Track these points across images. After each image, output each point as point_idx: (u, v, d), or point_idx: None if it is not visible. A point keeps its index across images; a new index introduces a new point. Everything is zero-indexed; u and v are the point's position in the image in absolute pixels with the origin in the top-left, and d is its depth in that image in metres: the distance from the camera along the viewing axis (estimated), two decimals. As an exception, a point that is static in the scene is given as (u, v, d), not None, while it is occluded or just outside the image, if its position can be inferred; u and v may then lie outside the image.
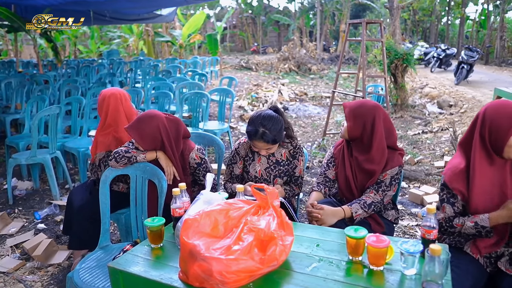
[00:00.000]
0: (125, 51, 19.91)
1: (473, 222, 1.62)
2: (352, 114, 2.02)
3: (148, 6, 7.50)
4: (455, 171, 1.69)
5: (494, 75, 12.98)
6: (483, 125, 1.63)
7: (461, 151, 1.74)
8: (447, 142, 5.62)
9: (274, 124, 2.09)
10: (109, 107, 2.57)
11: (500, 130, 1.58)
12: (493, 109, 1.63)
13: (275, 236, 1.31)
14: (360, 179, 2.06)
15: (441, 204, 1.74)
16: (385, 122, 2.03)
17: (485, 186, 1.64)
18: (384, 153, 2.00)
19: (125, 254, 1.57)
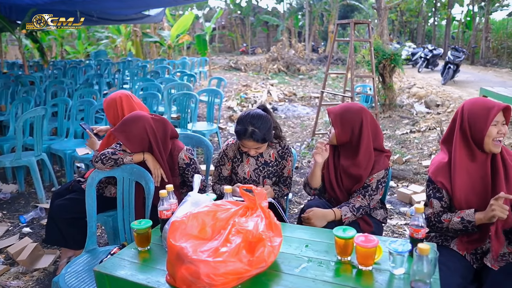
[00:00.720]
0: (113, 52, 19.73)
1: (459, 217, 1.65)
2: (339, 120, 2.01)
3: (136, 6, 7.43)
4: (438, 166, 1.76)
5: (480, 75, 13.17)
6: (463, 119, 1.70)
7: (444, 147, 1.81)
8: (434, 141, 5.68)
9: (264, 123, 2.09)
10: (123, 106, 2.56)
11: (478, 121, 1.66)
12: (470, 103, 1.72)
13: (264, 237, 1.30)
14: (346, 183, 2.06)
15: (429, 200, 1.79)
16: (372, 124, 2.03)
17: (467, 179, 1.69)
18: (371, 157, 2.00)
19: (112, 257, 1.54)
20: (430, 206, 1.78)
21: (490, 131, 1.63)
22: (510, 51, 18.45)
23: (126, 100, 2.57)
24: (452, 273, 1.59)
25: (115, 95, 2.60)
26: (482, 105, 1.67)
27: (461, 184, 1.69)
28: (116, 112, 2.56)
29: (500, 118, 1.65)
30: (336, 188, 2.08)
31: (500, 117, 1.65)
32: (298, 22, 28.25)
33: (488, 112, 1.64)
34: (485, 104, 1.67)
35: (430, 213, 1.78)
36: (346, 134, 2.00)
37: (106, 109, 2.61)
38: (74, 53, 18.91)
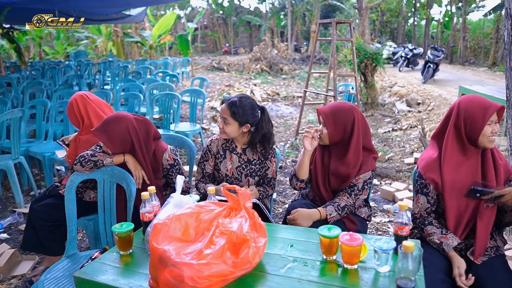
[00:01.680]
0: (94, 53, 19.38)
1: (440, 240, 1.68)
2: (332, 120, 1.98)
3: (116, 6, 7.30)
4: (428, 161, 1.77)
5: (459, 74, 13.44)
6: (458, 116, 1.72)
7: (434, 143, 1.82)
8: (416, 139, 5.76)
9: (247, 104, 2.13)
10: (79, 108, 2.54)
11: (474, 120, 1.67)
12: (467, 101, 1.73)
13: (248, 238, 1.28)
14: (333, 183, 2.05)
15: (416, 195, 1.80)
16: (362, 123, 2.03)
17: (457, 174, 1.71)
18: (359, 155, 1.99)
19: (92, 262, 1.50)
20: (416, 202, 1.80)
21: (485, 130, 1.66)
22: (487, 50, 18.87)
23: (80, 100, 2.55)
24: (435, 268, 1.60)
25: (70, 99, 2.58)
26: (479, 104, 1.69)
27: (451, 179, 1.71)
28: (75, 115, 2.55)
29: (494, 118, 1.68)
30: (322, 187, 2.08)
31: (494, 116, 1.67)
32: (280, 22, 28.32)
33: (485, 112, 1.66)
34: (482, 104, 1.68)
35: (416, 213, 1.80)
36: (338, 133, 1.99)
37: (68, 115, 2.61)
38: (53, 54, 18.49)
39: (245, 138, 2.24)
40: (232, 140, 2.28)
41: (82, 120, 2.53)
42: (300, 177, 2.10)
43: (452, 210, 1.71)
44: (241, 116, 2.10)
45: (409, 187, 3.95)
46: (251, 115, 2.13)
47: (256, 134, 2.18)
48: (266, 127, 2.18)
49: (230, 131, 2.15)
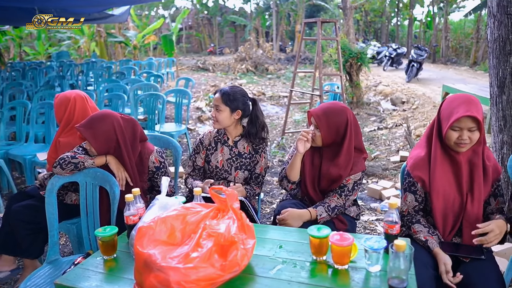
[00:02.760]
0: (76, 53, 19.04)
1: (425, 238, 1.67)
2: (325, 122, 1.94)
3: (98, 5, 7.17)
4: (416, 159, 1.76)
5: (442, 73, 13.65)
6: (437, 115, 1.73)
7: (424, 141, 1.80)
8: (401, 137, 5.80)
9: (238, 93, 2.21)
10: (75, 107, 2.45)
11: (442, 120, 1.68)
12: (447, 100, 1.70)
13: (236, 240, 1.25)
14: (323, 184, 2.03)
15: (404, 193, 1.79)
16: (354, 123, 2.00)
17: (444, 174, 1.70)
18: (351, 157, 1.98)
19: (75, 268, 1.45)
20: (404, 199, 1.79)
21: (450, 134, 1.62)
22: (468, 50, 19.23)
23: (80, 101, 2.46)
24: (424, 265, 1.59)
25: (69, 94, 2.48)
26: (451, 106, 1.64)
27: (438, 178, 1.70)
28: (66, 111, 2.45)
29: (465, 125, 1.59)
30: (310, 188, 2.05)
31: (467, 123, 1.58)
32: (265, 22, 28.35)
33: (449, 115, 1.61)
34: (452, 107, 1.63)
35: (404, 210, 1.79)
36: (331, 135, 1.96)
37: (56, 106, 2.47)
38: (34, 54, 18.08)
39: (237, 129, 2.29)
40: (224, 133, 2.30)
41: (71, 119, 2.43)
42: (292, 179, 2.09)
43: (438, 209, 1.71)
44: (232, 101, 2.17)
45: (396, 185, 3.97)
46: (242, 101, 2.20)
47: (251, 125, 2.25)
48: (260, 117, 2.27)
49: (223, 118, 2.20)
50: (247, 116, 2.27)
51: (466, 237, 1.68)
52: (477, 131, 1.60)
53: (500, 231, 1.55)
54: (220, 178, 2.29)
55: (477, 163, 1.68)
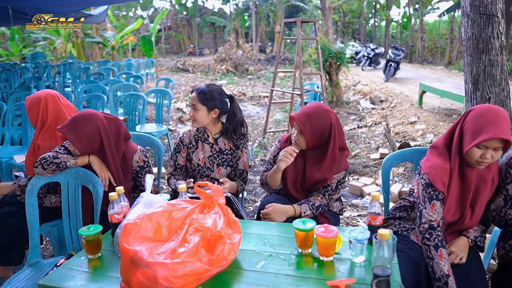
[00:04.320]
0: (52, 54, 18.59)
1: (449, 272, 1.49)
2: (309, 127, 1.91)
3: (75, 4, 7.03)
4: (439, 170, 1.61)
5: (418, 72, 13.96)
6: (460, 125, 1.60)
7: (445, 151, 1.66)
8: (380, 135, 5.91)
9: (215, 91, 2.20)
10: (47, 107, 2.35)
11: (467, 135, 1.54)
12: (477, 112, 1.55)
13: (223, 234, 1.26)
14: (307, 185, 2.04)
15: (430, 202, 1.59)
16: (338, 125, 1.98)
17: (454, 189, 1.63)
18: (335, 160, 1.97)
19: (58, 268, 1.43)
20: (432, 209, 1.59)
21: (473, 152, 1.51)
22: (443, 50, 19.73)
23: (51, 100, 2.37)
24: (409, 259, 1.62)
25: (40, 94, 2.38)
26: (478, 119, 1.52)
27: (452, 192, 1.62)
28: (38, 113, 2.35)
29: (493, 145, 1.48)
30: (292, 189, 2.07)
31: (495, 143, 1.48)
32: (245, 22, 28.38)
33: (477, 132, 1.49)
34: (481, 120, 1.50)
35: (434, 220, 1.58)
36: (316, 139, 1.94)
37: (28, 108, 2.37)
38: (8, 56, 17.55)
39: (216, 127, 2.29)
40: (204, 130, 2.31)
41: (45, 120, 2.36)
42: (272, 188, 2.11)
43: (445, 221, 1.66)
44: (209, 101, 2.17)
45: (376, 182, 4.04)
46: (219, 100, 2.20)
47: (229, 122, 2.25)
48: (238, 114, 2.27)
49: (200, 118, 2.19)
50: (225, 113, 2.27)
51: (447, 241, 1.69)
52: (500, 150, 1.50)
53: (461, 250, 1.62)
54: (203, 175, 2.29)
55: (487, 179, 1.62)
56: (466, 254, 1.63)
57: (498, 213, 1.66)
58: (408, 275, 1.52)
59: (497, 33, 2.63)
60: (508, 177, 1.64)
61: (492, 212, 1.69)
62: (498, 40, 2.64)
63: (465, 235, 1.69)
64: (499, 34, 2.63)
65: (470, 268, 1.59)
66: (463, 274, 1.56)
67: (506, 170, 1.65)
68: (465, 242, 1.67)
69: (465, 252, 1.64)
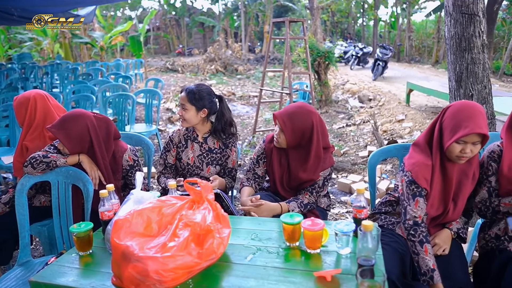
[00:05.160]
0: (39, 55, 18.37)
1: (434, 267, 1.51)
2: (289, 126, 1.94)
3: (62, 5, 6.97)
4: (421, 167, 1.65)
5: (406, 71, 14.12)
6: (440, 121, 1.65)
7: (426, 148, 1.70)
8: (369, 133, 5.99)
9: (204, 90, 2.23)
10: (36, 106, 2.35)
11: (447, 131, 1.59)
12: (454, 108, 1.60)
13: (212, 228, 1.29)
14: (294, 184, 2.07)
15: (413, 199, 1.64)
16: (321, 125, 2.01)
17: (437, 184, 1.67)
18: (320, 160, 2.00)
19: (50, 265, 1.44)
20: (415, 206, 1.63)
21: (452, 148, 1.56)
22: (430, 49, 19.97)
23: (40, 100, 2.37)
24: (394, 251, 1.67)
25: (28, 94, 2.37)
26: (456, 115, 1.56)
27: (434, 187, 1.66)
28: (27, 113, 2.34)
29: (472, 139, 1.53)
30: (280, 188, 2.11)
31: (473, 138, 1.53)
32: (234, 22, 28.37)
33: (456, 128, 1.54)
34: (458, 116, 1.55)
35: (419, 217, 1.62)
36: (296, 139, 1.98)
37: (16, 108, 2.36)
38: (-7, 57, 17.34)
39: (205, 126, 2.31)
40: (193, 130, 2.33)
41: (33, 120, 2.36)
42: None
43: (429, 216, 1.71)
44: (198, 100, 2.19)
45: (364, 179, 4.10)
46: (208, 100, 2.23)
47: (218, 121, 2.27)
48: (227, 114, 2.29)
49: (189, 117, 2.21)
50: (214, 113, 2.29)
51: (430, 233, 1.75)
52: (479, 144, 1.56)
53: (443, 242, 1.68)
54: (192, 174, 2.32)
55: (469, 174, 1.68)
56: (449, 246, 1.69)
57: (484, 203, 1.72)
58: (394, 266, 1.57)
59: (478, 32, 2.70)
60: (490, 170, 1.71)
61: (478, 204, 1.75)
62: (480, 38, 2.71)
63: (448, 227, 1.75)
64: (481, 33, 2.70)
65: (453, 258, 1.65)
66: (445, 264, 1.61)
67: (488, 163, 1.71)
68: (448, 235, 1.72)
69: (448, 244, 1.69)
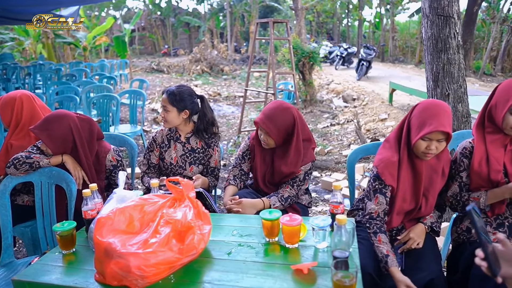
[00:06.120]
0: (21, 56, 18.10)
1: (388, 253, 1.59)
2: (274, 128, 1.99)
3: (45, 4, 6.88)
4: (388, 163, 1.72)
5: (390, 71, 14.32)
6: (408, 120, 1.72)
7: (395, 144, 1.76)
8: (352, 132, 6.08)
9: (184, 92, 2.25)
10: (22, 107, 2.35)
11: (413, 129, 1.66)
12: (421, 107, 1.67)
13: (193, 225, 1.33)
14: (276, 179, 2.13)
15: (374, 195, 1.72)
16: (300, 119, 2.07)
17: (406, 180, 1.74)
18: (301, 153, 2.06)
19: (33, 264, 1.46)
20: (375, 202, 1.72)
21: (418, 144, 1.63)
22: (413, 49, 20.29)
23: (27, 100, 2.37)
24: (371, 246, 1.73)
25: (14, 94, 2.37)
26: (421, 114, 1.64)
27: (402, 182, 1.72)
28: (12, 113, 2.34)
29: (436, 137, 1.60)
30: (262, 185, 2.16)
31: (438, 135, 1.59)
32: (219, 23, 28.34)
33: (421, 126, 1.61)
34: (423, 115, 1.62)
35: (375, 212, 1.71)
36: (283, 136, 2.04)
37: (2, 108, 2.36)
38: (-27, 58, 16.98)
39: (188, 126, 2.34)
40: (176, 130, 2.35)
41: (19, 120, 2.35)
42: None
43: (396, 211, 1.77)
44: (179, 102, 2.21)
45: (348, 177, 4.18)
46: (189, 101, 2.25)
47: (200, 121, 2.30)
48: (209, 113, 2.32)
49: (171, 118, 2.24)
50: (196, 113, 2.32)
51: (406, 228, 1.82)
52: (444, 142, 1.63)
53: (418, 236, 1.74)
54: (175, 174, 2.35)
55: (438, 170, 1.75)
56: (423, 240, 1.76)
57: (455, 198, 1.79)
58: (370, 259, 1.63)
59: (454, 34, 2.79)
60: (461, 165, 1.78)
61: (450, 198, 1.82)
62: (455, 40, 2.80)
63: (422, 222, 1.82)
64: (456, 35, 2.80)
65: (426, 251, 1.72)
66: (419, 257, 1.68)
67: (460, 159, 1.79)
68: (422, 229, 1.79)
69: (422, 237, 1.76)
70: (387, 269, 1.56)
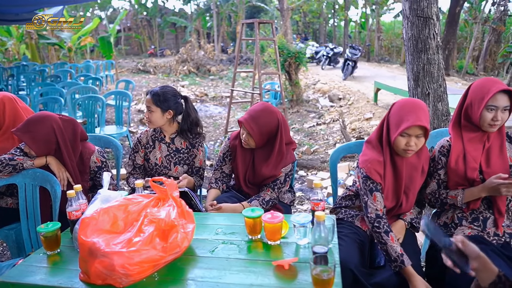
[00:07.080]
0: (4, 56, 17.79)
1: (402, 252, 1.61)
2: (257, 131, 2.02)
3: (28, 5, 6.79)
4: (373, 163, 1.75)
5: (375, 71, 14.48)
6: (387, 118, 1.76)
7: (377, 144, 1.80)
8: (338, 131, 6.15)
9: (170, 91, 2.28)
10: (5, 109, 2.33)
11: (391, 126, 1.71)
12: (397, 105, 1.72)
13: (176, 224, 1.35)
14: (257, 180, 2.16)
15: (371, 194, 1.73)
16: (284, 123, 2.10)
17: (389, 178, 1.78)
18: (283, 156, 2.09)
19: (17, 265, 1.46)
20: (374, 201, 1.72)
21: (397, 141, 1.67)
22: (399, 49, 20.55)
23: (9, 102, 2.36)
24: (352, 242, 1.77)
25: None
26: (399, 112, 1.68)
27: (387, 181, 1.76)
28: None
29: (414, 132, 1.64)
30: (243, 185, 2.19)
31: (415, 131, 1.64)
32: (206, 23, 28.27)
33: (399, 122, 1.65)
34: (401, 112, 1.67)
35: (380, 210, 1.71)
36: (264, 139, 2.07)
37: None
38: (-46, 59, 16.66)
39: (172, 127, 2.36)
40: (160, 131, 2.37)
41: (2, 123, 2.33)
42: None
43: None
44: (163, 102, 2.23)
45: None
46: (173, 101, 2.27)
47: (184, 122, 2.32)
48: (193, 114, 2.34)
49: (155, 119, 2.25)
50: (180, 114, 2.34)
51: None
52: (423, 137, 1.67)
53: (398, 232, 1.80)
54: (160, 174, 2.37)
55: (418, 167, 1.79)
56: (403, 236, 1.81)
57: (434, 195, 1.85)
58: (352, 256, 1.67)
59: (433, 34, 2.86)
60: (439, 163, 1.84)
61: (428, 195, 1.88)
62: (434, 40, 2.88)
63: (402, 218, 1.87)
64: (435, 35, 2.87)
65: (406, 246, 1.76)
66: None
67: (438, 157, 1.85)
68: (402, 225, 1.85)
69: (402, 233, 1.82)
70: (402, 268, 1.57)
